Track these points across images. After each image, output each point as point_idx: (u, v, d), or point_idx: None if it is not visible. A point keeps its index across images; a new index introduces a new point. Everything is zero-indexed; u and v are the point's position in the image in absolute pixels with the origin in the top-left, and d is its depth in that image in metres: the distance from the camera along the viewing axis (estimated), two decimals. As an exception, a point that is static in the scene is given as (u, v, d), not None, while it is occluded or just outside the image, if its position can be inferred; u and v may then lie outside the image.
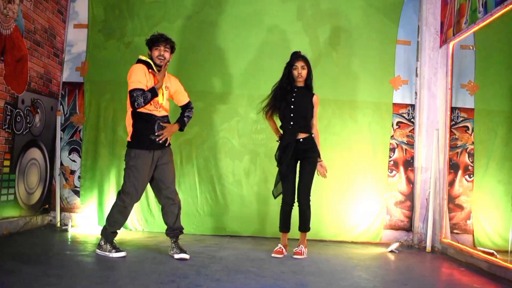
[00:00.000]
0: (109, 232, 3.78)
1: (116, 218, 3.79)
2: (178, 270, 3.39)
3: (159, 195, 3.89)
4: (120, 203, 3.78)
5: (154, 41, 3.82)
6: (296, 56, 4.18)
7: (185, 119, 3.99)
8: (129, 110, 3.78)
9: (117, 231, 3.84)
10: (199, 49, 5.21)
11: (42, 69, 4.92)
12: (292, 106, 4.11)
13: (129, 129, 3.79)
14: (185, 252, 3.79)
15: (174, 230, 3.87)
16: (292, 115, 4.10)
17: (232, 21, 5.29)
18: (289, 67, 4.17)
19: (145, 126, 3.74)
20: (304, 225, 4.16)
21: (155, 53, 3.81)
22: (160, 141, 3.76)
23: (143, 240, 4.58)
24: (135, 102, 3.64)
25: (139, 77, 3.70)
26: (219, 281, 3.13)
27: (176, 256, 3.77)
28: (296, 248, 4.15)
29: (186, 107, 4.04)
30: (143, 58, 3.83)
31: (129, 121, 3.80)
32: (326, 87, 5.04)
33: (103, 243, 3.77)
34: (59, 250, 4.06)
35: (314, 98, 4.19)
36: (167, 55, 3.83)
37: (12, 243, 4.05)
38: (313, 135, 4.17)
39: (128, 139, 3.80)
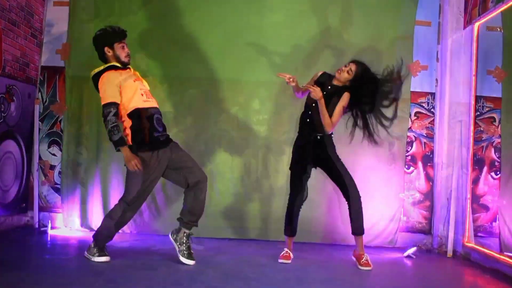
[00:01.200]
0: (100, 238, 3.77)
1: (109, 227, 3.75)
2: (170, 276, 3.39)
3: (189, 181, 3.81)
4: (118, 213, 3.73)
5: (116, 36, 3.78)
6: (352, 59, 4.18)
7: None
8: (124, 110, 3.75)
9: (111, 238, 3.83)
10: (193, 30, 5.16)
11: (18, 51, 4.89)
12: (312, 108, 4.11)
13: (127, 131, 3.73)
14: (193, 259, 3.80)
15: (198, 218, 3.85)
16: (311, 119, 4.14)
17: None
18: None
19: (144, 124, 3.70)
20: (358, 225, 4.05)
21: (123, 52, 3.79)
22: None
23: (130, 242, 4.57)
24: (107, 119, 3.64)
25: (111, 90, 3.69)
26: (216, 289, 3.13)
27: (186, 261, 3.77)
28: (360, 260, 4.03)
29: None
30: (114, 63, 3.78)
31: (126, 123, 3.75)
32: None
33: (92, 246, 3.76)
34: (38, 253, 4.06)
35: (343, 96, 4.10)
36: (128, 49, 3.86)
37: (-15, 246, 4.06)
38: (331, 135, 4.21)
39: (128, 143, 3.72)
